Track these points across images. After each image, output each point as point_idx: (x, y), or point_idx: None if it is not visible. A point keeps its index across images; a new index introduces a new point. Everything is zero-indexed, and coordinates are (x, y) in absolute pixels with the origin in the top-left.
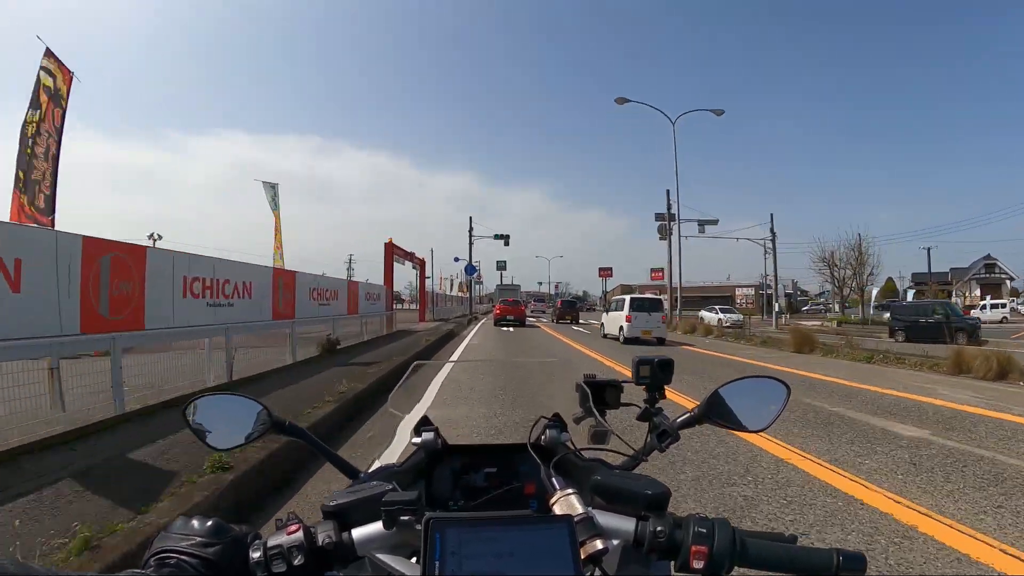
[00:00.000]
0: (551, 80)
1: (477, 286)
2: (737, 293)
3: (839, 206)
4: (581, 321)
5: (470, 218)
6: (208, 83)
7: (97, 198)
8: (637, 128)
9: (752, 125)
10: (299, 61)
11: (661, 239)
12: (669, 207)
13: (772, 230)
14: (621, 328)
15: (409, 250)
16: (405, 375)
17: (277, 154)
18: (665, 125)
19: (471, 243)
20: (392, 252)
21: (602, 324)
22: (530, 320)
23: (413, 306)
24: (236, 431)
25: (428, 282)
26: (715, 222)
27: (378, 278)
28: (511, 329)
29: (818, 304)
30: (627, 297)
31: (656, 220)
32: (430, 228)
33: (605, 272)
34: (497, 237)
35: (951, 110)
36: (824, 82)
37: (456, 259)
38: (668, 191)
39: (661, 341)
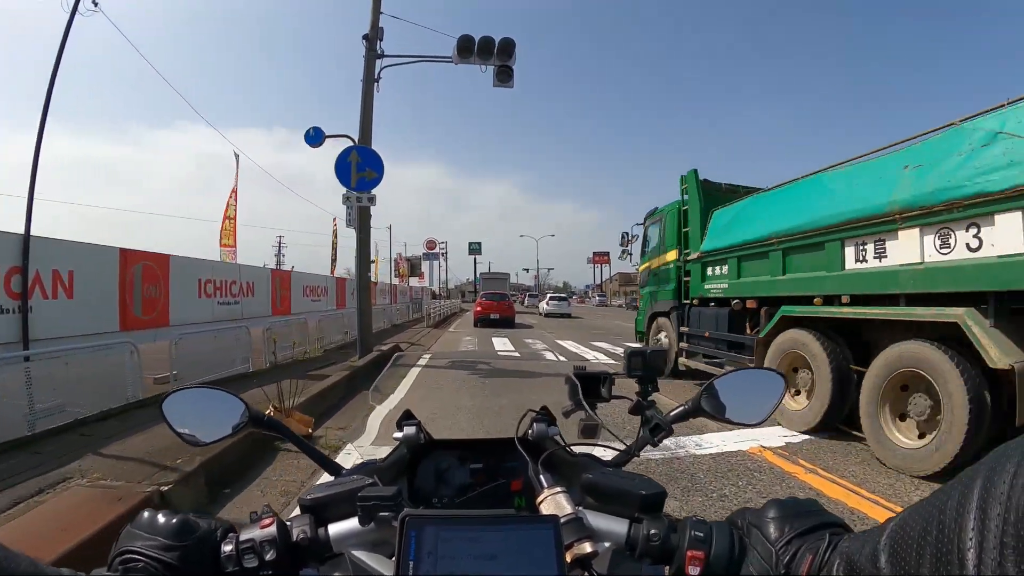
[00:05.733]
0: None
1: (431, 262)
2: None
3: None
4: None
5: None
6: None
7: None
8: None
9: None
10: (275, 53)
11: None
12: None
13: None
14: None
15: None
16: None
17: (243, 147)
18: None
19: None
20: None
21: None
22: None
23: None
24: (214, 426)
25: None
26: None
27: (320, 267)
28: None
29: None
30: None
31: None
32: (399, 223)
33: (600, 258)
34: (487, 58)
35: None
36: None
37: (310, 133)
38: None
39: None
